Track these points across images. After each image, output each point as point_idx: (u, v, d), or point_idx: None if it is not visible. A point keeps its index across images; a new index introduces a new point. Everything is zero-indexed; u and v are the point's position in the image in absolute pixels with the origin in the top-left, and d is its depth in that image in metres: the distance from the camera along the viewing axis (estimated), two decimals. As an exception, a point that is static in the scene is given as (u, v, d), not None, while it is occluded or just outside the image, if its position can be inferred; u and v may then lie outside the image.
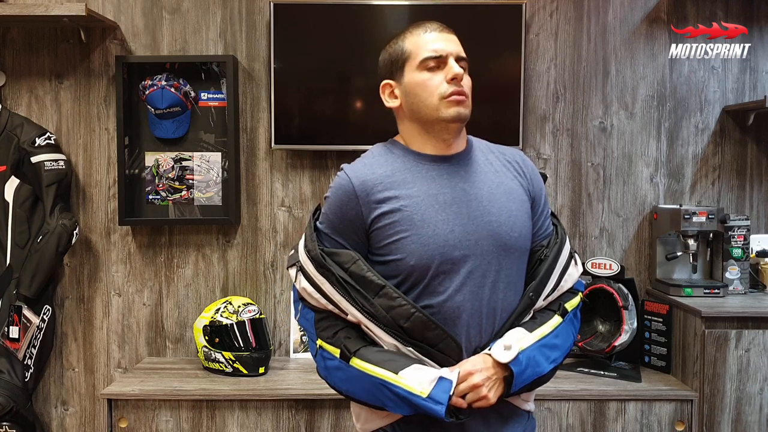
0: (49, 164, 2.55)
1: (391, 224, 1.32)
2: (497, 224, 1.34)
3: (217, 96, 2.68)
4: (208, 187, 2.70)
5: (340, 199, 1.35)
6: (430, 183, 1.34)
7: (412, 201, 1.32)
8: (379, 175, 1.35)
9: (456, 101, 1.33)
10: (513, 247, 1.35)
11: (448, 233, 1.31)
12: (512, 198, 1.38)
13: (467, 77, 1.37)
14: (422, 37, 1.36)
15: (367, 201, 1.33)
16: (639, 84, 2.71)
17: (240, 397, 2.30)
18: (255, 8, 2.67)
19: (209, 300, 2.71)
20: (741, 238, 2.59)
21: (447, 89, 1.33)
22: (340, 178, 1.37)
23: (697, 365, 2.33)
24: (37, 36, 2.67)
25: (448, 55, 1.34)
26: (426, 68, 1.34)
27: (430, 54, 1.34)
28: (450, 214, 1.32)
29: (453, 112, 1.33)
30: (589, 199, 2.73)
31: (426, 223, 1.31)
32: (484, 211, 1.34)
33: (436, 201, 1.33)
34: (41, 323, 2.61)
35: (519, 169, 1.43)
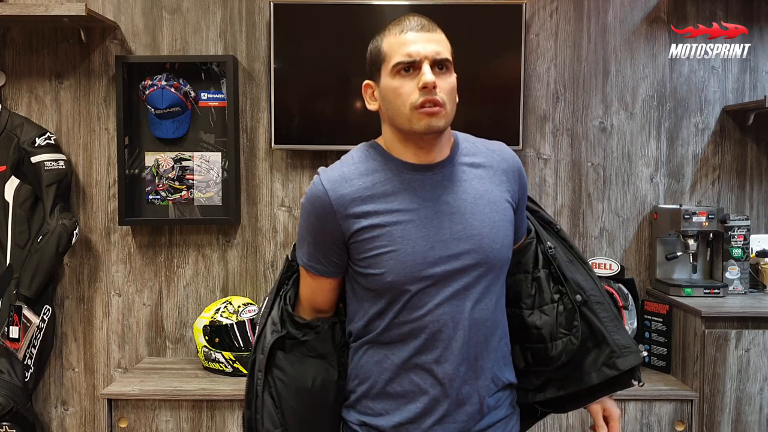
0: (49, 164, 2.55)
1: (370, 239, 1.25)
2: (479, 237, 1.27)
3: (217, 96, 2.68)
4: (208, 187, 2.70)
5: (317, 212, 1.28)
6: (411, 196, 1.26)
7: (391, 216, 1.25)
8: (358, 187, 1.27)
9: (427, 113, 1.22)
10: (495, 259, 1.29)
11: (427, 250, 1.25)
12: (496, 208, 1.31)
13: (448, 79, 1.27)
14: (398, 37, 1.25)
15: (345, 215, 1.26)
16: (639, 84, 2.71)
17: (240, 397, 2.28)
18: (255, 8, 2.67)
19: (209, 300, 2.71)
20: (741, 238, 2.59)
21: (418, 99, 1.22)
22: (316, 187, 1.28)
23: (697, 365, 2.33)
24: (37, 36, 2.67)
25: (422, 60, 1.22)
26: (398, 73, 1.24)
27: (403, 59, 1.23)
28: (431, 230, 1.26)
29: (423, 126, 1.23)
30: (589, 199, 2.73)
31: (405, 240, 1.24)
32: (466, 225, 1.27)
33: (417, 216, 1.26)
34: (41, 323, 2.61)
35: (506, 172, 1.36)
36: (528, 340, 1.40)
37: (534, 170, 2.72)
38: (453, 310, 1.27)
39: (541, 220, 1.48)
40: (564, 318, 1.37)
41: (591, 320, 1.36)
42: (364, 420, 1.33)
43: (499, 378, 1.34)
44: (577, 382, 1.38)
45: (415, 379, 1.28)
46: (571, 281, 1.39)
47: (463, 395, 1.29)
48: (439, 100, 1.23)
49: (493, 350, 1.32)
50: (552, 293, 1.40)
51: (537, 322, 1.39)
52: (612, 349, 1.35)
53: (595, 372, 1.36)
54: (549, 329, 1.38)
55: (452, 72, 1.29)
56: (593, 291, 1.39)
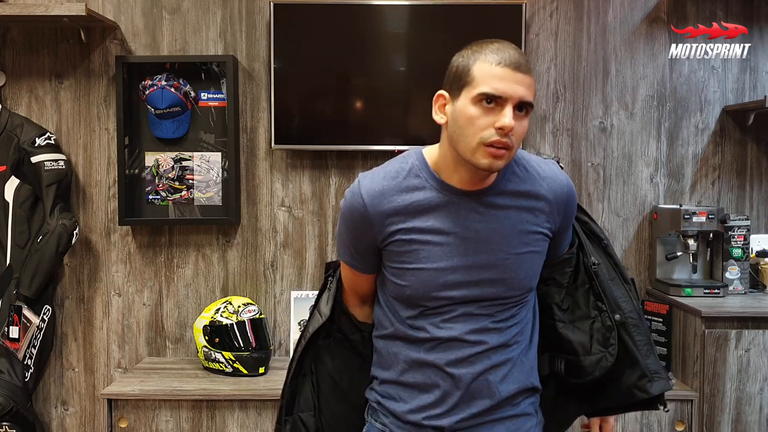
0: (49, 164, 2.55)
1: (399, 253, 1.30)
2: (502, 268, 1.29)
3: (217, 96, 2.68)
4: (208, 187, 2.70)
5: (355, 222, 1.33)
6: (443, 220, 1.28)
7: (422, 236, 1.28)
8: (396, 204, 1.29)
9: (493, 154, 1.20)
10: (515, 290, 1.31)
11: (449, 273, 1.27)
12: (527, 240, 1.31)
13: (524, 123, 1.23)
14: (492, 68, 1.20)
15: (381, 225, 1.30)
16: (639, 84, 2.71)
17: (240, 397, 2.30)
18: (255, 8, 2.67)
19: (209, 300, 2.71)
20: (741, 238, 2.59)
21: (490, 136, 1.19)
22: (355, 199, 1.31)
23: (697, 365, 2.33)
24: (37, 36, 2.67)
25: (508, 100, 1.19)
26: (479, 102, 1.20)
27: (490, 91, 1.19)
28: (456, 255, 1.27)
29: (486, 164, 1.21)
30: (589, 199, 2.73)
31: (430, 260, 1.28)
32: (491, 254, 1.28)
33: (446, 239, 1.28)
34: (41, 323, 2.61)
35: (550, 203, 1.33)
36: (560, 349, 1.43)
37: (534, 170, 2.71)
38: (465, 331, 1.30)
39: (590, 232, 1.47)
40: (601, 335, 1.40)
41: (626, 341, 1.39)
42: (380, 401, 1.40)
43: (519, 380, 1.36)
44: (608, 399, 1.42)
45: (429, 373, 1.33)
46: (611, 299, 1.40)
47: (475, 389, 1.32)
48: (509, 143, 1.20)
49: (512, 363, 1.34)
50: (590, 309, 1.42)
51: (570, 336, 1.41)
52: (643, 373, 1.38)
53: (625, 392, 1.40)
54: (582, 343, 1.40)
55: (529, 115, 1.25)
56: (632, 313, 1.41)
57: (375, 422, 1.41)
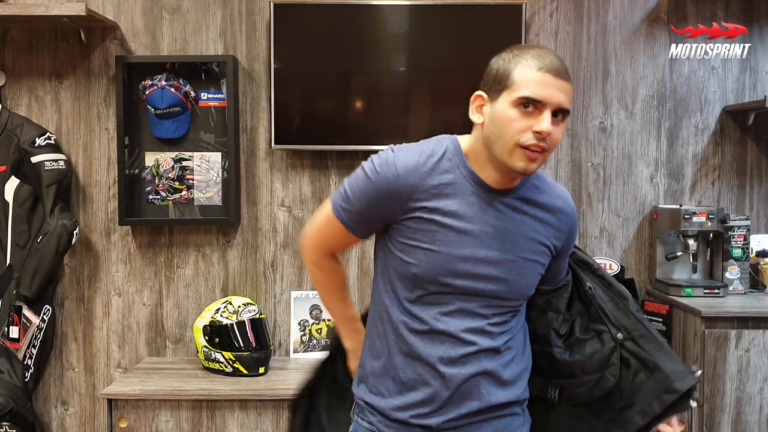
0: (49, 164, 2.55)
1: (415, 230, 1.30)
2: (508, 269, 1.31)
3: (217, 96, 2.68)
4: (208, 187, 2.70)
5: (380, 191, 1.30)
6: (465, 208, 1.30)
7: (442, 218, 1.29)
8: (426, 181, 1.29)
9: (529, 156, 1.23)
10: (515, 293, 1.34)
11: (459, 262, 1.29)
12: (535, 248, 1.34)
13: (560, 128, 1.26)
14: (534, 73, 1.24)
15: (407, 200, 1.29)
16: (639, 84, 2.71)
17: (240, 397, 2.29)
18: (255, 8, 2.67)
19: (209, 300, 2.71)
20: (741, 238, 2.59)
21: (527, 140, 1.23)
22: (389, 168, 1.30)
23: (697, 365, 2.33)
24: (37, 36, 2.67)
25: (547, 105, 1.22)
26: (519, 106, 1.23)
27: (530, 95, 1.22)
28: (469, 245, 1.29)
29: (521, 166, 1.24)
30: (589, 199, 2.73)
31: (444, 244, 1.29)
32: (502, 253, 1.31)
33: (463, 227, 1.29)
34: (41, 323, 2.61)
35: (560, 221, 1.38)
36: (557, 375, 1.44)
37: (534, 170, 2.72)
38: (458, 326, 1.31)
39: (578, 260, 1.49)
40: (600, 356, 1.41)
41: (638, 353, 1.40)
42: (366, 399, 1.40)
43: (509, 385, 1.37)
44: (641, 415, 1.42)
45: (420, 370, 1.33)
46: (611, 320, 1.42)
47: (465, 391, 1.32)
48: (545, 147, 1.24)
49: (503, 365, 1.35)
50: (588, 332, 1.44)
51: (567, 359, 1.43)
52: (666, 375, 1.38)
53: (656, 401, 1.40)
54: (580, 365, 1.42)
55: (564, 122, 1.29)
56: (635, 326, 1.41)
57: (362, 421, 1.41)
